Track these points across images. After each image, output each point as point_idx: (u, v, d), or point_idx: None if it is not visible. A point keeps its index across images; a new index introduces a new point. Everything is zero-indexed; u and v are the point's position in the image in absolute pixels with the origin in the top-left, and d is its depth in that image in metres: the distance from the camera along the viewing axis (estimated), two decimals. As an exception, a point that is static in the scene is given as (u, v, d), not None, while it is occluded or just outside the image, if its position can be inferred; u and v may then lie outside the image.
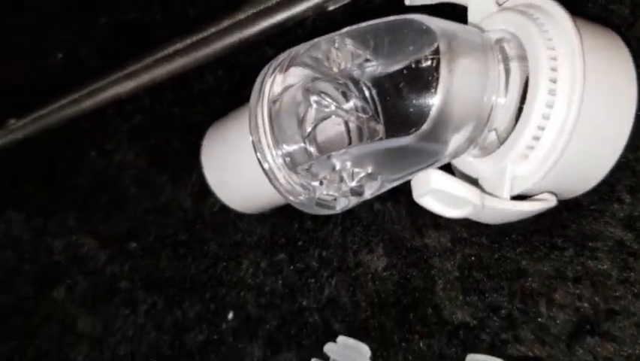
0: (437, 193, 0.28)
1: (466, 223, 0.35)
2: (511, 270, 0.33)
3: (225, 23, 0.43)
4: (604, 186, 0.32)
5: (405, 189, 0.35)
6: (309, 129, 0.33)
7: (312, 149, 0.33)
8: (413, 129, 0.28)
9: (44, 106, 0.46)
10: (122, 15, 0.48)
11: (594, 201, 0.32)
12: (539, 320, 0.32)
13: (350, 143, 0.33)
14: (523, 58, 0.29)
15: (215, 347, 0.37)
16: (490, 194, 0.29)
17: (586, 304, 0.31)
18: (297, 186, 0.32)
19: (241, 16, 0.43)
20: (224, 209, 0.40)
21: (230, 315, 0.38)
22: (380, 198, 0.37)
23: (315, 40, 0.33)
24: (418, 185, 0.29)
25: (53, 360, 0.40)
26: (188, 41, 0.44)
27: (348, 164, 0.31)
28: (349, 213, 0.38)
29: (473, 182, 0.32)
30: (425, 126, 0.28)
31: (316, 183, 0.32)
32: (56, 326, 0.41)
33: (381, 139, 0.30)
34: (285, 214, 0.39)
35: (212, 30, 0.43)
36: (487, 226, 0.34)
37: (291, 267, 0.38)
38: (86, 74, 0.48)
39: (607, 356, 0.31)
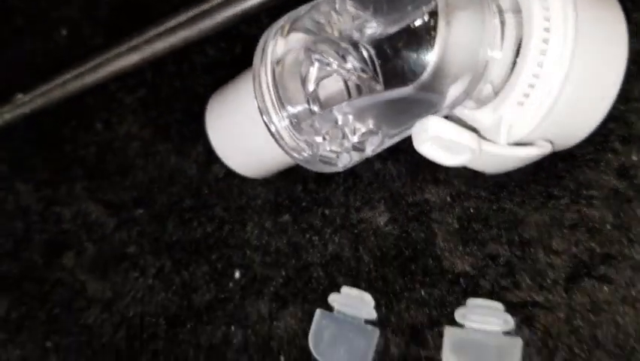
0: (436, 140, 0.29)
1: (464, 177, 0.35)
2: (509, 220, 0.34)
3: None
4: (597, 137, 0.33)
5: (404, 148, 0.36)
6: (311, 88, 0.34)
7: (315, 107, 0.34)
8: (412, 80, 0.29)
9: (50, 81, 0.46)
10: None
11: (589, 151, 0.33)
12: (537, 266, 0.33)
13: (349, 97, 0.33)
14: (517, 10, 0.30)
15: (223, 305, 0.38)
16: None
17: (582, 250, 0.32)
18: (301, 142, 0.33)
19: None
20: (229, 175, 0.41)
21: (237, 274, 0.39)
22: (380, 158, 0.38)
23: (316, 1, 0.33)
24: (417, 132, 0.30)
25: (64, 324, 0.40)
26: (190, 14, 0.44)
27: (350, 118, 0.32)
28: (351, 174, 0.38)
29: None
30: (424, 77, 0.29)
31: (319, 139, 0.33)
32: (66, 291, 0.41)
33: (381, 90, 0.31)
34: (288, 178, 0.40)
35: (214, 2, 0.44)
36: (485, 179, 0.35)
37: (295, 227, 0.38)
38: (89, 50, 0.49)
39: (604, 299, 0.31)
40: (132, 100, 0.46)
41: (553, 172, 0.34)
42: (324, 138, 0.33)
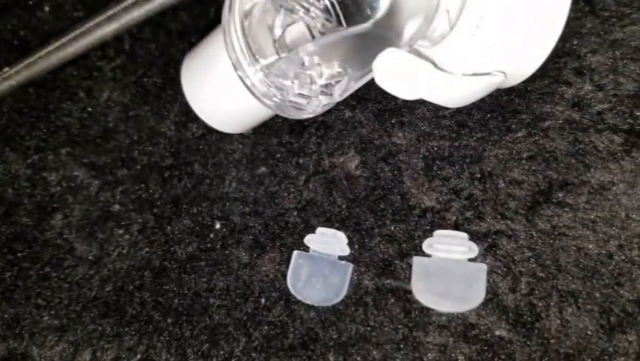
0: (394, 71, 0.30)
1: (427, 119, 0.36)
2: (471, 155, 0.35)
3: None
4: (551, 71, 0.33)
5: (372, 97, 0.37)
6: (278, 34, 0.34)
7: (283, 53, 0.34)
8: (371, 18, 0.30)
9: (34, 53, 0.47)
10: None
11: (543, 85, 0.34)
12: (498, 197, 0.33)
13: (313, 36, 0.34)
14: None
15: (205, 255, 0.39)
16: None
17: (541, 179, 0.33)
18: (272, 88, 0.34)
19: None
20: (206, 134, 0.42)
21: (218, 225, 0.39)
22: (349, 106, 0.38)
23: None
24: (377, 64, 0.30)
25: (54, 282, 0.41)
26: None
27: (315, 59, 0.33)
28: (322, 124, 0.39)
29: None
30: (380, 13, 0.30)
31: (288, 82, 0.33)
32: (56, 251, 0.42)
33: (342, 29, 0.32)
34: (264, 132, 0.41)
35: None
36: (446, 118, 0.35)
37: (272, 177, 0.39)
38: (71, 24, 0.49)
39: (564, 224, 0.32)
40: (112, 68, 0.46)
41: (511, 107, 0.34)
42: (292, 82, 0.34)
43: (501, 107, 0.34)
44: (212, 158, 0.41)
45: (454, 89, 0.30)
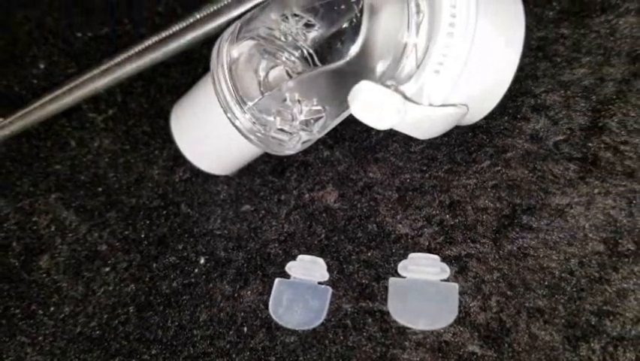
0: (367, 103, 0.33)
1: (400, 155, 0.39)
2: (440, 186, 0.38)
3: (187, 22, 0.49)
4: (511, 108, 0.37)
5: (347, 137, 0.40)
6: (262, 75, 0.38)
7: (267, 93, 0.38)
8: (344, 57, 0.34)
9: (28, 105, 0.50)
10: (96, 30, 0.53)
11: (503, 121, 0.38)
12: (467, 223, 0.36)
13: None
14: (432, 6, 0.35)
15: (189, 290, 0.40)
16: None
17: (505, 205, 0.36)
18: (256, 124, 0.37)
19: (201, 14, 0.49)
20: (193, 176, 0.44)
21: (202, 260, 0.41)
22: (327, 145, 0.41)
23: (262, 5, 0.38)
24: (351, 96, 0.34)
25: (40, 319, 0.42)
26: (156, 38, 0.49)
27: (296, 95, 0.36)
28: (302, 163, 0.42)
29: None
30: (353, 53, 0.34)
31: (271, 118, 0.37)
32: (42, 290, 0.43)
33: (318, 66, 0.35)
34: (248, 174, 0.44)
35: (177, 28, 0.49)
36: (417, 153, 0.39)
37: (255, 214, 0.42)
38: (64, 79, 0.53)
39: (529, 245, 0.35)
40: (103, 119, 0.49)
41: (475, 142, 0.38)
42: (275, 117, 0.37)
43: (467, 141, 0.38)
44: (198, 198, 0.44)
45: (422, 119, 0.34)
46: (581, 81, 0.37)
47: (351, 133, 0.41)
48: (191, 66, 0.50)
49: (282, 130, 0.37)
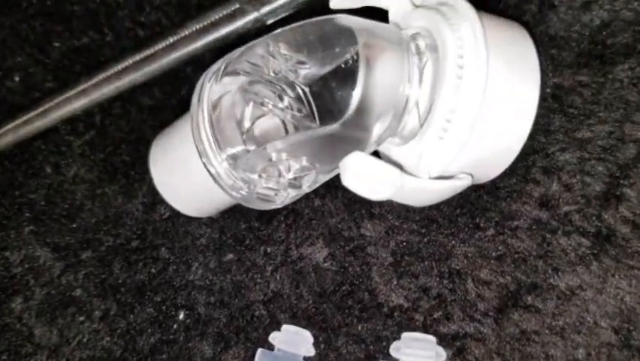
0: (361, 175, 0.30)
1: (397, 212, 0.36)
2: (440, 252, 0.35)
3: (171, 39, 0.45)
4: (520, 168, 0.34)
5: (341, 185, 0.37)
6: (247, 126, 0.35)
7: (251, 146, 0.35)
8: (340, 118, 0.30)
9: (0, 126, 0.47)
10: (75, 40, 0.49)
11: (511, 183, 0.34)
12: (467, 297, 0.33)
13: (286, 131, 0.34)
14: (434, 47, 0.32)
15: (167, 347, 0.38)
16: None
17: (509, 281, 0.33)
18: (239, 180, 0.34)
19: (186, 32, 0.45)
20: (174, 215, 0.42)
21: (181, 315, 0.39)
22: (319, 195, 0.38)
23: (249, 44, 0.34)
24: (343, 168, 0.31)
25: (11, 371, 0.40)
26: (137, 57, 0.45)
27: (284, 155, 0.33)
28: (292, 211, 0.39)
29: (398, 166, 0.34)
30: (348, 114, 0.30)
31: (255, 177, 0.34)
32: (14, 337, 0.41)
33: (310, 128, 0.32)
34: (232, 216, 0.41)
35: (159, 46, 0.45)
36: (416, 213, 0.36)
37: (239, 266, 0.39)
38: (41, 95, 0.50)
39: (532, 329, 0.32)
40: (81, 143, 0.46)
41: (479, 205, 0.35)
42: (260, 176, 0.34)
43: (470, 203, 0.35)
44: (179, 242, 0.41)
45: (420, 192, 0.30)
46: (598, 140, 0.34)
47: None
48: (175, 86, 0.47)
49: (267, 187, 0.34)
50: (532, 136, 0.34)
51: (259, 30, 0.44)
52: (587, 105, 0.35)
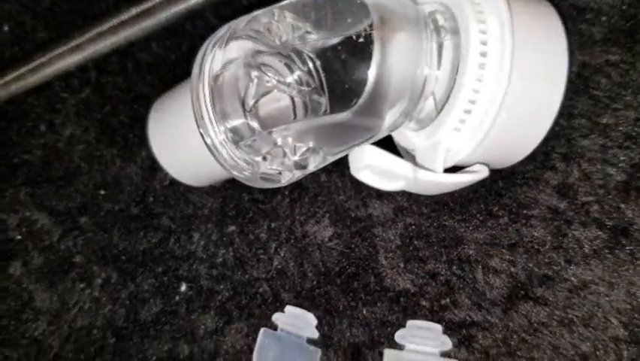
0: (372, 168, 0.29)
1: (407, 193, 0.35)
2: (450, 238, 0.34)
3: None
4: (538, 154, 0.32)
5: (348, 161, 0.35)
6: (250, 104, 0.33)
7: (254, 124, 0.33)
8: (350, 105, 0.29)
9: (-9, 81, 0.45)
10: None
11: (529, 169, 0.33)
12: (476, 285, 0.33)
13: (295, 117, 0.33)
14: (455, 30, 0.29)
15: (170, 318, 0.38)
16: (423, 167, 0.30)
17: (520, 271, 0.32)
18: (241, 161, 0.32)
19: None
20: (175, 182, 0.40)
21: (183, 287, 0.38)
22: (326, 170, 0.37)
23: (254, 13, 0.32)
24: (354, 160, 0.29)
25: (12, 335, 0.40)
26: (134, 12, 0.43)
27: (290, 140, 0.31)
28: (297, 185, 0.38)
29: (411, 153, 0.32)
30: (361, 101, 0.28)
31: (259, 159, 0.32)
32: (14, 301, 0.41)
33: (319, 115, 0.30)
34: (235, 187, 0.40)
35: (156, 1, 0.42)
36: (426, 195, 0.34)
37: (242, 239, 0.38)
38: (32, 46, 0.47)
39: (541, 321, 0.32)
40: (76, 101, 0.44)
41: (494, 190, 0.34)
42: (264, 158, 0.32)
43: (484, 187, 0.33)
44: (181, 211, 0.40)
45: (433, 185, 0.29)
46: (622, 127, 0.32)
47: (353, 157, 0.37)
48: (175, 41, 0.44)
49: (272, 168, 0.33)
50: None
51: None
52: (614, 88, 0.33)
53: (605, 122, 0.33)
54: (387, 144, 0.32)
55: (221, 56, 0.33)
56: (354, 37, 0.30)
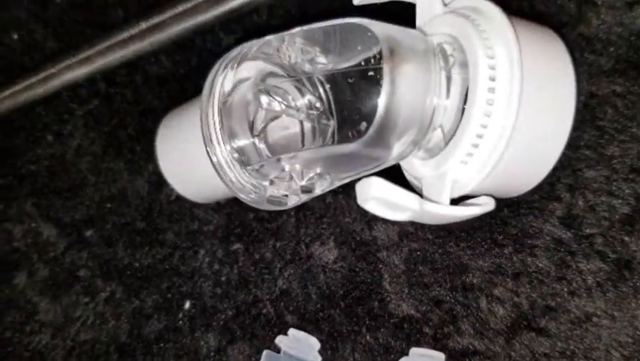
0: (379, 200, 0.29)
1: (413, 219, 0.35)
2: (454, 265, 0.34)
3: (181, 7, 0.42)
4: (544, 183, 0.32)
5: (356, 183, 0.35)
6: (259, 128, 0.33)
7: (262, 146, 0.33)
8: (358, 133, 0.29)
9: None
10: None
11: (534, 199, 0.33)
12: (479, 314, 0.33)
13: (303, 143, 0.33)
14: (464, 62, 0.30)
15: (173, 336, 0.38)
16: (429, 197, 0.30)
17: (524, 300, 0.33)
18: (248, 184, 0.33)
19: (197, 1, 0.42)
20: (181, 198, 0.41)
21: (187, 305, 0.39)
22: (332, 191, 0.37)
23: (266, 38, 0.33)
24: (361, 190, 0.29)
25: (15, 347, 0.40)
26: (144, 26, 0.43)
27: (297, 166, 0.32)
28: (303, 206, 0.38)
29: (418, 182, 0.32)
30: (369, 133, 0.29)
31: (266, 183, 0.33)
32: (18, 313, 0.41)
33: (327, 145, 0.31)
34: (240, 204, 0.40)
35: (168, 14, 0.43)
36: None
37: (247, 257, 0.38)
38: (41, 56, 0.47)
39: (543, 352, 0.32)
40: (84, 112, 0.45)
41: (499, 218, 0.34)
42: (271, 182, 0.33)
43: (489, 215, 0.33)
44: (186, 227, 0.40)
45: (439, 216, 0.29)
46: (628, 159, 0.32)
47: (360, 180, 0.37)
48: (184, 55, 0.45)
49: (278, 192, 0.33)
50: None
51: (276, 2, 0.42)
52: (621, 119, 0.33)
53: (611, 154, 0.33)
54: (395, 169, 0.32)
55: (233, 76, 0.33)
56: (363, 66, 0.30)
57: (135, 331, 0.39)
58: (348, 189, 0.37)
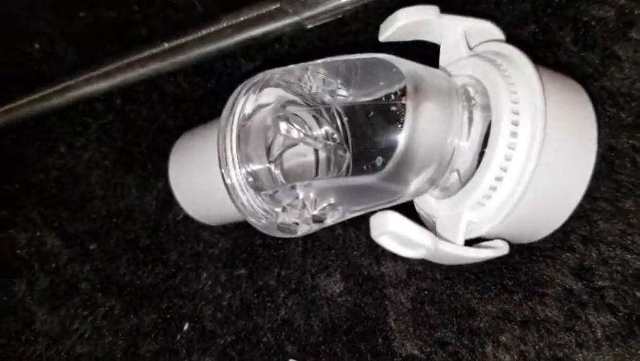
0: (393, 235, 0.28)
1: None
2: (462, 307, 0.33)
3: (204, 32, 0.42)
4: (558, 233, 0.32)
5: (367, 217, 0.35)
6: (276, 155, 0.33)
7: (277, 172, 0.33)
8: (374, 168, 0.28)
9: (15, 100, 0.45)
10: (102, 12, 0.46)
11: (547, 247, 0.32)
12: (484, 359, 0.32)
13: (317, 173, 0.32)
14: (486, 105, 0.29)
15: (169, 357, 0.37)
16: (444, 238, 0.29)
17: (530, 349, 0.32)
18: (260, 209, 0.32)
19: (220, 26, 0.42)
20: (188, 218, 0.40)
21: (186, 326, 0.38)
22: (342, 224, 0.37)
23: (290, 67, 0.32)
24: (375, 225, 0.29)
25: (10, 356, 0.39)
26: (166, 46, 0.43)
27: (311, 195, 0.31)
28: (311, 235, 0.37)
29: (432, 220, 0.32)
30: (387, 168, 0.28)
31: (279, 210, 0.32)
32: (15, 321, 0.40)
33: (344, 175, 0.30)
34: (247, 228, 0.39)
35: (190, 38, 0.42)
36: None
37: (250, 283, 0.37)
38: (61, 68, 0.47)
39: (546, 401, 0.31)
40: (98, 126, 0.44)
41: (510, 263, 0.33)
42: (283, 209, 0.32)
43: (500, 259, 0.33)
44: (191, 248, 0.39)
45: (452, 257, 0.29)
46: (643, 214, 0.32)
47: (371, 214, 0.36)
48: (203, 77, 0.44)
49: (290, 220, 0.33)
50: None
51: (297, 33, 0.42)
52: (638, 174, 0.33)
53: (627, 208, 0.32)
54: (406, 203, 0.31)
55: (254, 100, 0.33)
56: (384, 101, 0.29)
57: (131, 349, 0.38)
58: (358, 223, 0.36)
